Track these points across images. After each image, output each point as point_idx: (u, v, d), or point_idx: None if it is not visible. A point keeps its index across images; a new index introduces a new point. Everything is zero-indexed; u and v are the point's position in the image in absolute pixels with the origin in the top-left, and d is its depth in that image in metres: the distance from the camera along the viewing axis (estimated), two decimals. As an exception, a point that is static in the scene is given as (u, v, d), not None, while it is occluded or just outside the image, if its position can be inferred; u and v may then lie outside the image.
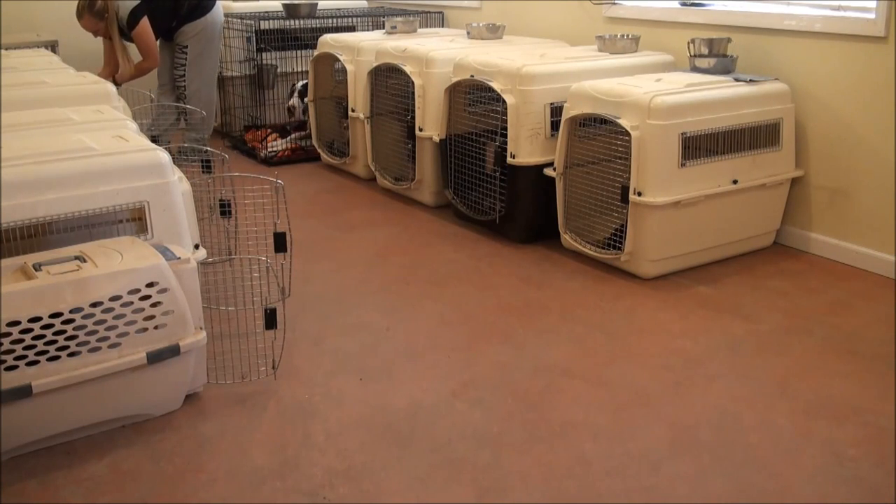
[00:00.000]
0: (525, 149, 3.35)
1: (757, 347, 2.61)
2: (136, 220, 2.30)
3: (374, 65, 4.04)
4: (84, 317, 2.00)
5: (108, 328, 2.05)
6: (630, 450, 2.08)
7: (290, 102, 4.94)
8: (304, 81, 4.94)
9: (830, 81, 3.23)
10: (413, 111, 3.84)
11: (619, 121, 3.00)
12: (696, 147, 3.08)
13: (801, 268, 3.25)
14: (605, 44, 3.77)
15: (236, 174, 2.92)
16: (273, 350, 2.54)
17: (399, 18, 4.55)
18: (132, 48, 4.52)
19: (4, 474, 2.00)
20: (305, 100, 4.89)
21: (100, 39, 4.63)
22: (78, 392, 2.05)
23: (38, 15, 5.29)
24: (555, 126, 3.33)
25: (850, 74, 3.16)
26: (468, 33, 4.32)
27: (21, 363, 1.95)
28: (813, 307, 2.90)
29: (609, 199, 3.16)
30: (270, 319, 2.41)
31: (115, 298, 2.03)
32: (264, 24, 4.86)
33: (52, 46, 4.83)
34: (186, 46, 4.63)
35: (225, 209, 2.94)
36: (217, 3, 4.68)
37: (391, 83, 4.04)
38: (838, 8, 3.25)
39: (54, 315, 1.96)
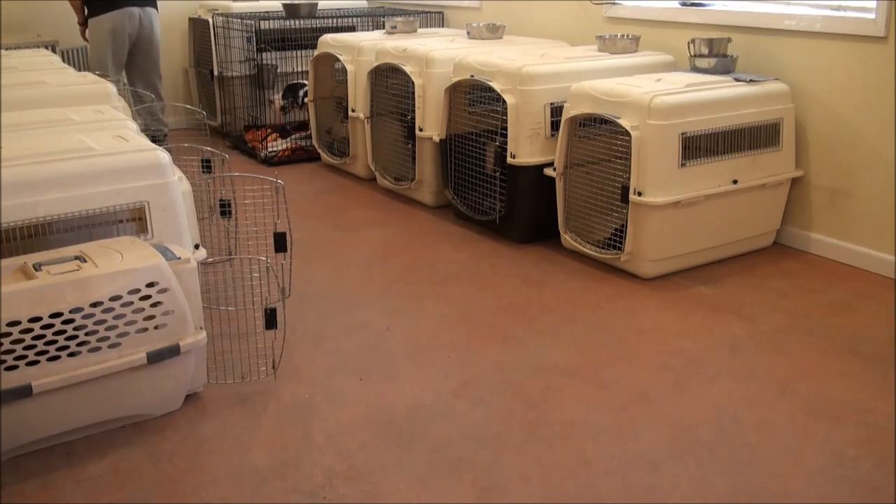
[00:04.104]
0: (525, 149, 3.35)
1: (757, 347, 2.61)
2: (136, 220, 2.30)
3: (374, 65, 4.04)
4: (84, 317, 2.00)
5: (109, 328, 2.05)
6: (630, 450, 2.08)
7: (273, 97, 4.96)
8: (290, 82, 4.95)
9: (830, 81, 3.23)
10: (413, 111, 3.84)
11: (619, 121, 3.00)
12: (696, 147, 3.08)
13: (801, 268, 3.25)
14: (606, 44, 3.77)
15: (236, 174, 2.92)
16: (273, 350, 2.54)
17: (399, 18, 4.55)
18: None
19: (4, 474, 2.00)
20: (292, 100, 4.90)
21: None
22: (78, 392, 2.05)
23: (38, 15, 5.29)
24: (555, 126, 3.33)
25: (850, 74, 3.16)
26: (468, 33, 4.32)
27: (21, 363, 1.95)
28: (813, 307, 2.90)
29: (609, 199, 3.16)
30: (270, 319, 2.41)
31: (115, 298, 2.03)
32: (264, 24, 4.86)
33: (52, 46, 4.83)
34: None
35: (225, 209, 2.94)
36: (115, 11, 4.63)
37: (391, 83, 4.04)
38: (838, 8, 3.25)
39: (54, 315, 1.96)
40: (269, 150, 4.85)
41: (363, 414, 2.25)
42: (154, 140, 4.34)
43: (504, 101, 3.35)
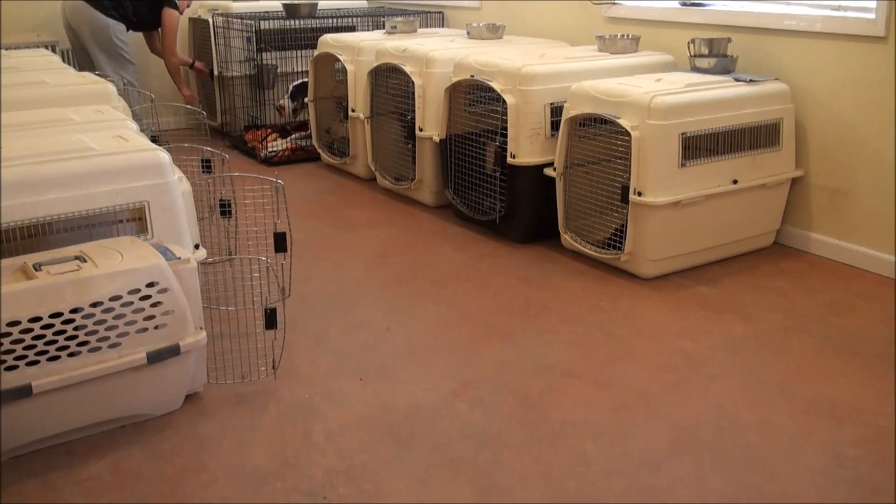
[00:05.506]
0: (525, 149, 3.35)
1: (757, 347, 2.61)
2: (136, 220, 2.30)
3: (374, 65, 4.04)
4: (84, 317, 2.00)
5: (109, 328, 2.05)
6: (630, 450, 2.08)
7: (280, 102, 4.95)
8: (297, 82, 4.94)
9: (830, 81, 3.23)
10: (413, 111, 3.84)
11: (619, 121, 3.00)
12: (696, 147, 3.08)
13: (801, 268, 3.25)
14: (605, 44, 3.77)
15: (236, 174, 2.92)
16: (273, 350, 2.54)
17: (399, 18, 4.55)
18: None
19: (4, 474, 2.00)
20: (302, 100, 4.89)
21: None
22: (78, 392, 2.05)
23: (38, 15, 5.28)
24: (555, 126, 3.33)
25: (850, 74, 3.16)
26: (468, 33, 4.32)
27: (21, 363, 1.95)
28: (813, 307, 2.90)
29: (609, 199, 3.16)
30: (270, 319, 2.41)
31: (115, 298, 2.03)
32: (264, 24, 4.86)
33: (52, 46, 4.83)
34: None
35: (225, 209, 2.94)
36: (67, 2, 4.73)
37: (391, 83, 4.04)
38: (838, 8, 3.25)
39: (54, 315, 1.96)
40: (269, 150, 4.85)
41: (363, 414, 2.25)
42: None
43: (504, 101, 3.35)
